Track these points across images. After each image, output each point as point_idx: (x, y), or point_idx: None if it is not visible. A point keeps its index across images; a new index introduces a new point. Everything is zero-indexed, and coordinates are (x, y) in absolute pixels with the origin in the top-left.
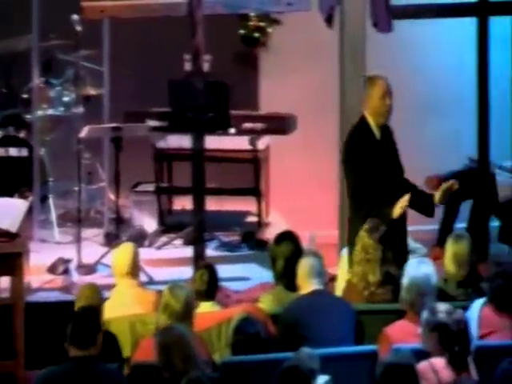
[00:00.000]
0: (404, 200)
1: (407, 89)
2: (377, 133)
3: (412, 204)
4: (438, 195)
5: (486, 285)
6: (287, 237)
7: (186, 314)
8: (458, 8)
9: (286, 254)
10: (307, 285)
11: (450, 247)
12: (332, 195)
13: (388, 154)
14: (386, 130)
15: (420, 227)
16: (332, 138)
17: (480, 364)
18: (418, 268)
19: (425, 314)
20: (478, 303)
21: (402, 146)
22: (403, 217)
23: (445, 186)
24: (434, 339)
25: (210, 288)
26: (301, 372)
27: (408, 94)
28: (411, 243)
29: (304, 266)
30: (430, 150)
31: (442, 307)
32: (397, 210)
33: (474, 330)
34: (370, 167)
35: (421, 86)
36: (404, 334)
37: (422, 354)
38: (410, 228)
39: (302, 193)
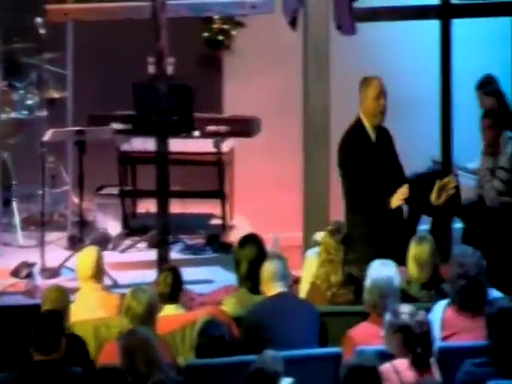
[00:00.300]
0: (403, 191)
1: None
2: (372, 134)
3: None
4: (433, 194)
5: (448, 286)
6: (251, 240)
7: (148, 316)
8: (421, 10)
9: (250, 257)
10: (271, 287)
11: (412, 249)
12: (296, 197)
13: (384, 154)
14: (382, 131)
15: None
16: (296, 140)
17: (443, 365)
18: (380, 270)
19: (388, 316)
20: (441, 305)
21: None
22: (400, 210)
23: (439, 183)
24: (397, 341)
25: (174, 291)
26: (265, 374)
27: None
28: None
29: (268, 268)
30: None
31: (405, 309)
32: (395, 200)
33: (437, 331)
34: (365, 168)
35: (388, 87)
36: (367, 336)
37: (385, 356)
38: None
39: (266, 195)
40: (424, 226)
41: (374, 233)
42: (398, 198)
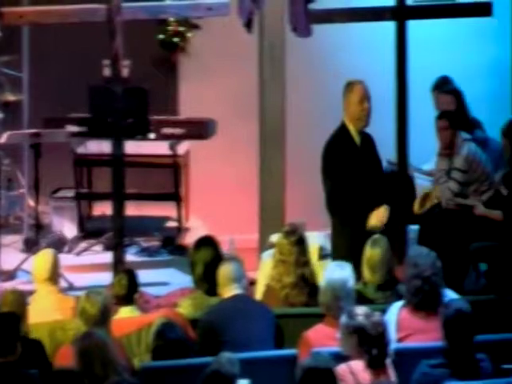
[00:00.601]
0: (381, 213)
1: (327, 92)
2: (357, 139)
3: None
4: (416, 203)
5: (403, 286)
6: (206, 242)
7: (102, 319)
8: (377, 12)
9: (205, 259)
10: (227, 289)
11: (366, 252)
12: (252, 199)
13: (368, 160)
14: (366, 136)
15: None
16: (252, 142)
17: (398, 366)
18: (334, 272)
19: (343, 318)
20: (396, 306)
21: (321, 150)
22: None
23: (424, 193)
24: (353, 342)
25: (129, 293)
26: (222, 376)
27: (328, 97)
28: (329, 247)
29: (224, 270)
30: None
31: (361, 310)
32: (372, 221)
33: (393, 332)
34: (349, 174)
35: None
36: (323, 338)
37: (340, 357)
38: (329, 231)
39: (222, 197)
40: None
41: (356, 239)
42: (376, 220)
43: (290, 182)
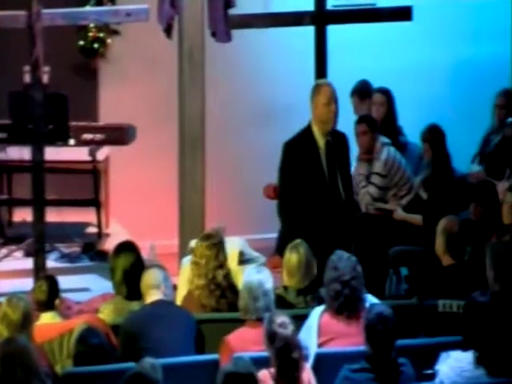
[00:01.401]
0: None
1: (247, 97)
2: (321, 141)
3: None
4: None
5: (323, 290)
6: (126, 247)
7: (24, 324)
8: (296, 17)
9: (125, 264)
10: (149, 295)
11: (285, 256)
12: (172, 205)
13: (331, 163)
14: (337, 136)
15: (259, 236)
16: (171, 147)
17: (320, 371)
18: (251, 275)
19: (265, 323)
20: (318, 310)
21: (240, 156)
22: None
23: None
24: (270, 348)
25: (50, 298)
26: (144, 379)
27: (248, 102)
28: (251, 252)
29: (146, 276)
30: (270, 159)
31: (278, 319)
32: None
33: (314, 337)
34: (301, 176)
35: (262, 94)
36: (244, 342)
37: (262, 362)
38: (248, 237)
39: (142, 203)
40: None
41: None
42: None
43: (210, 187)
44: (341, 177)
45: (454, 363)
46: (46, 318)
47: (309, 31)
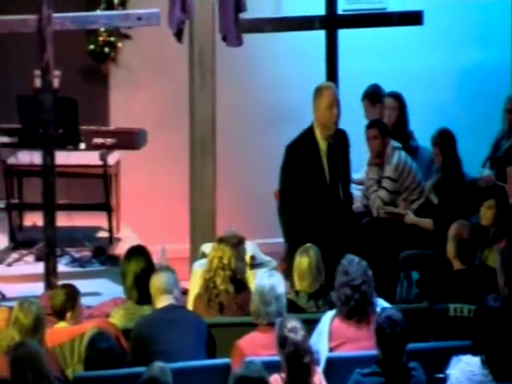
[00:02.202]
0: None
1: (258, 101)
2: (322, 144)
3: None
4: None
5: (334, 294)
6: (137, 252)
7: (35, 328)
8: (307, 21)
9: (136, 268)
10: (160, 300)
11: (296, 260)
12: (183, 209)
13: (332, 165)
14: (338, 137)
15: (270, 240)
16: (183, 151)
17: (331, 375)
18: (263, 279)
19: (277, 327)
20: (329, 315)
21: (251, 160)
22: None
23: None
24: (281, 354)
25: (65, 309)
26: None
27: (259, 106)
28: (262, 256)
29: (156, 281)
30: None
31: (289, 324)
32: None
33: (325, 342)
34: (300, 179)
35: (272, 98)
36: (256, 346)
37: (273, 366)
38: (259, 241)
39: (154, 207)
40: None
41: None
42: None
43: (221, 191)
44: (341, 179)
45: (465, 367)
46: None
47: (319, 35)
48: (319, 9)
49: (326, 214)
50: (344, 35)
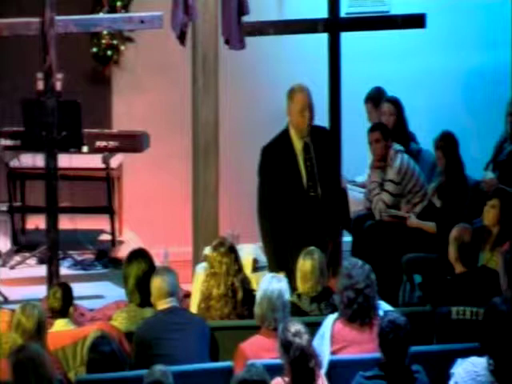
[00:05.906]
0: None
1: (261, 104)
2: (298, 144)
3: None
4: None
5: (337, 297)
6: (138, 255)
7: (38, 331)
8: (310, 24)
9: (137, 271)
10: (161, 302)
11: (299, 262)
12: (186, 212)
13: (309, 165)
14: (318, 135)
15: None
16: (185, 154)
17: (333, 379)
18: (271, 283)
19: (279, 331)
20: (331, 318)
21: (254, 163)
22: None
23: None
24: (283, 357)
25: (64, 305)
26: None
27: (262, 109)
28: (264, 259)
29: (157, 283)
30: None
31: (293, 327)
32: None
33: (327, 345)
34: (276, 180)
35: (275, 101)
36: (258, 349)
37: (275, 370)
38: (259, 244)
39: (156, 210)
40: None
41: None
42: None
43: (224, 194)
44: (322, 177)
45: (470, 367)
46: (59, 325)
47: (322, 38)
48: (322, 12)
49: (302, 214)
50: (347, 38)
